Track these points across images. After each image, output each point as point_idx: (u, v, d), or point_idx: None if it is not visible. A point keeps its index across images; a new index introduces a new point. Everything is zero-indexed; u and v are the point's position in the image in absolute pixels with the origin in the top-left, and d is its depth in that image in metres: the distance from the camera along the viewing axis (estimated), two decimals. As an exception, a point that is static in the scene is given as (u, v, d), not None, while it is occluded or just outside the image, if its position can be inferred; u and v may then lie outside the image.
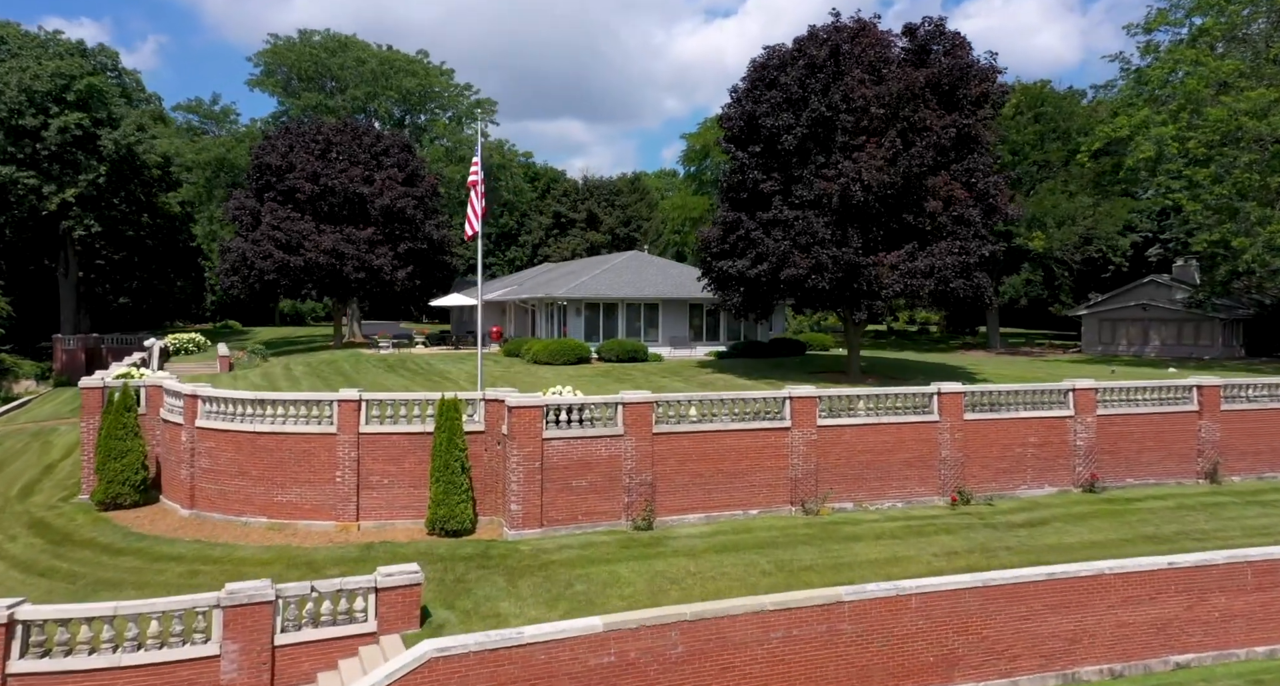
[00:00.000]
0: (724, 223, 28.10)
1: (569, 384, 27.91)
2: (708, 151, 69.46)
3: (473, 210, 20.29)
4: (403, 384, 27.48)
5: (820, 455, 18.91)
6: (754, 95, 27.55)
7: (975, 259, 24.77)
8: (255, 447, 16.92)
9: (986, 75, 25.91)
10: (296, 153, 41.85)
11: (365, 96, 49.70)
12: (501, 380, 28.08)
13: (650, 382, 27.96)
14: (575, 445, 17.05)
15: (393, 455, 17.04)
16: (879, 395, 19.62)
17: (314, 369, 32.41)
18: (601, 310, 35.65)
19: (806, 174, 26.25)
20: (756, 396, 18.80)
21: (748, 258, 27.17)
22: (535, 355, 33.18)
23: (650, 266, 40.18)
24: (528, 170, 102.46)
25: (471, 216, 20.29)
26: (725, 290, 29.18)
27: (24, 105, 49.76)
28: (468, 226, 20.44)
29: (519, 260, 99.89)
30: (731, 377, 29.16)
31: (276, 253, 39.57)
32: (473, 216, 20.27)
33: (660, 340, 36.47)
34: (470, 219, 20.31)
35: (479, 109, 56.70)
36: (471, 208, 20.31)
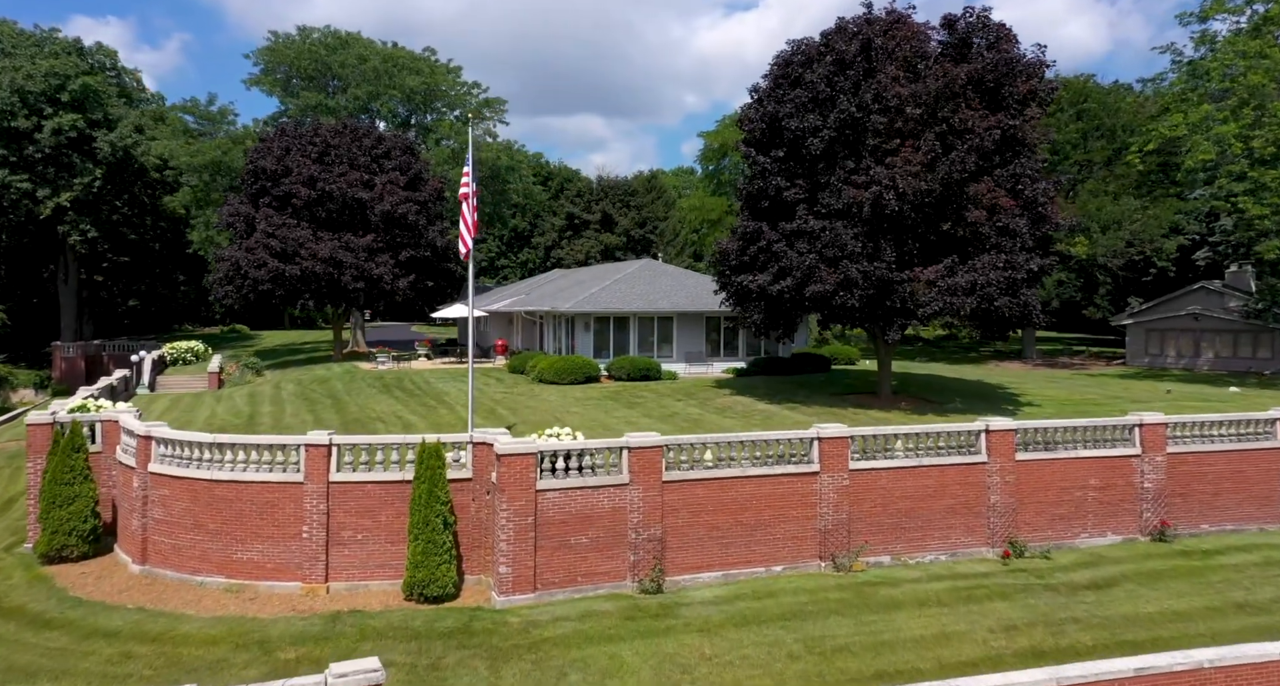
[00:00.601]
0: (743, 233, 26.09)
1: (576, 406, 26.06)
2: (726, 151, 67.28)
3: (465, 225, 18.44)
4: (395, 408, 25.71)
5: (853, 503, 16.87)
6: (777, 95, 25.51)
7: (1023, 274, 22.60)
8: (212, 497, 15.14)
9: (1034, 71, 23.71)
10: (293, 156, 40.28)
11: (367, 96, 48.07)
12: (502, 404, 26.24)
13: (662, 406, 26.00)
14: (574, 497, 15.12)
15: (367, 507, 15.19)
16: (919, 433, 17.54)
17: (304, 389, 30.74)
18: (612, 324, 33.74)
19: (834, 181, 24.20)
20: (780, 438, 16.79)
21: (769, 272, 25.17)
22: (541, 373, 31.33)
23: (664, 276, 38.21)
24: (540, 170, 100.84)
25: (464, 232, 18.42)
26: (744, 306, 27.17)
27: (16, 106, 48.64)
28: (460, 244, 18.55)
29: (531, 262, 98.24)
30: (751, 401, 27.13)
31: (271, 261, 38.01)
32: (465, 233, 18.40)
33: (675, 356, 34.50)
34: (463, 235, 18.44)
35: (487, 108, 54.96)
36: (464, 222, 18.45)
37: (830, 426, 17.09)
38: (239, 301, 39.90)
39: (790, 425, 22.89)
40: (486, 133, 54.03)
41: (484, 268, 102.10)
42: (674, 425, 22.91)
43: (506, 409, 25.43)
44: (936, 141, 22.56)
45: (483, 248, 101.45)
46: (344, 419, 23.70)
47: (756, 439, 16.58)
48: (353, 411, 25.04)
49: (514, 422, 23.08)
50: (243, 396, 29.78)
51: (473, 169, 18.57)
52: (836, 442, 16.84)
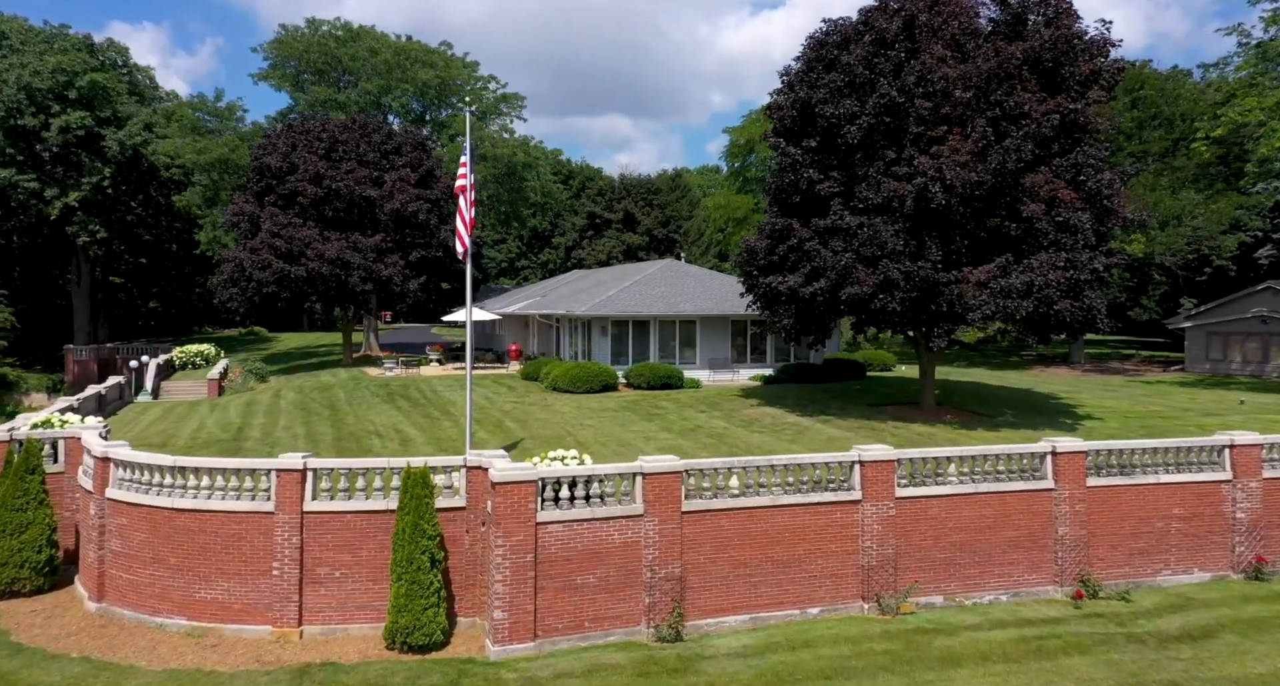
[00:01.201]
0: (772, 230, 24.18)
1: (590, 418, 24.31)
2: (752, 146, 65.23)
3: (462, 221, 16.76)
4: (395, 420, 24.11)
5: (900, 535, 14.93)
6: (810, 79, 23.58)
7: (1086, 274, 20.46)
8: (173, 528, 13.56)
9: (1097, 49, 21.57)
10: (299, 152, 38.99)
11: (379, 90, 46.71)
12: (511, 416, 24.54)
13: (684, 419, 24.15)
14: (580, 530, 13.34)
15: (346, 540, 13.52)
16: (975, 456, 15.55)
17: (304, 397, 29.29)
18: (631, 328, 31.94)
19: (873, 172, 22.23)
20: (816, 461, 14.88)
21: (801, 272, 23.26)
22: (554, 381, 29.61)
23: (686, 277, 36.35)
24: (560, 168, 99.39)
25: (461, 229, 16.75)
26: (773, 309, 25.25)
27: (23, 104, 47.97)
28: (457, 241, 16.88)
29: (552, 263, 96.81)
30: (781, 412, 25.19)
31: (276, 262, 36.70)
32: (462, 229, 16.72)
33: (698, 362, 32.62)
34: (460, 232, 16.77)
35: (504, 103, 53.45)
36: (461, 218, 16.77)
37: (873, 448, 15.15)
38: (244, 304, 38.65)
39: (823, 441, 20.95)
40: (503, 128, 52.53)
41: (504, 269, 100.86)
42: (696, 441, 21.07)
43: (515, 421, 23.74)
44: (988, 128, 20.51)
45: (502, 248, 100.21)
46: (338, 433, 22.15)
47: (789, 462, 14.70)
48: (349, 424, 23.49)
49: (522, 437, 21.38)
50: (239, 405, 28.39)
51: (470, 160, 16.89)
52: (881, 467, 14.92)
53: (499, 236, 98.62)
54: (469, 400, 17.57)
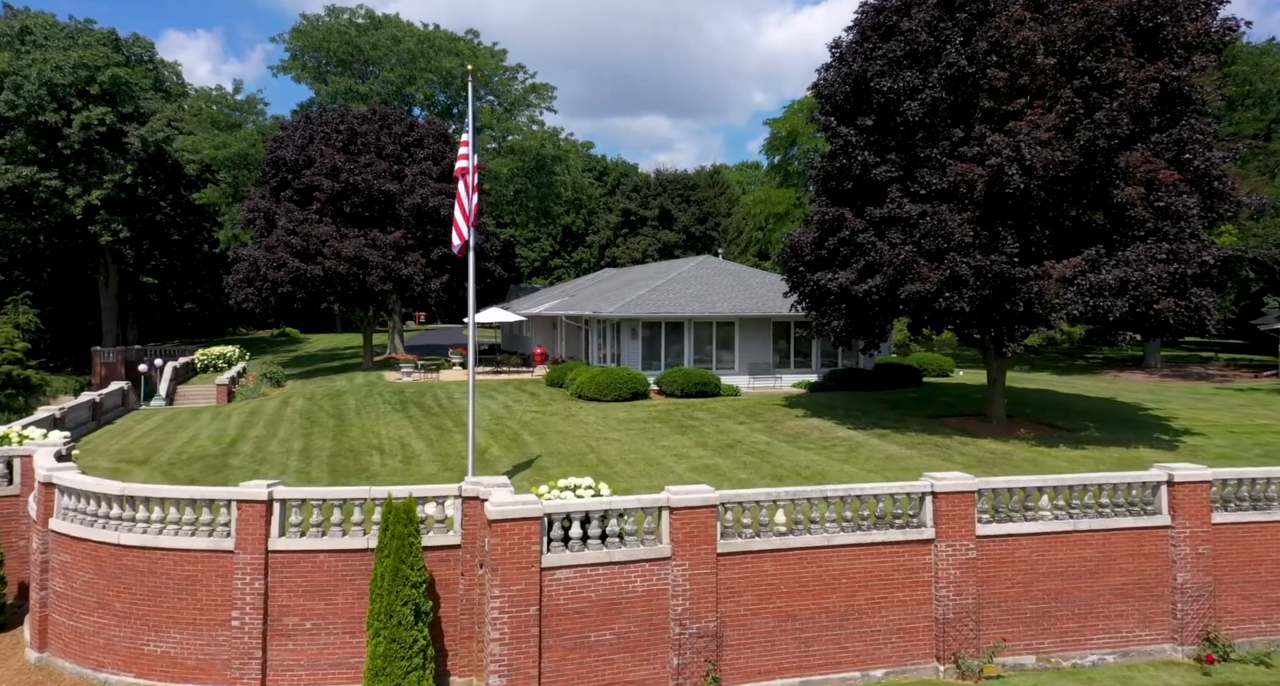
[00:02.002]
0: (821, 222, 21.77)
1: (616, 431, 22.16)
2: (795, 138, 62.67)
3: (461, 211, 14.73)
4: (403, 432, 22.22)
5: (982, 582, 12.52)
6: (864, 49, 21.14)
7: (1195, 268, 17.72)
8: (120, 568, 11.71)
9: (1205, 7, 18.77)
10: (315, 145, 37.52)
11: (401, 80, 45.15)
12: (530, 427, 22.49)
13: (721, 432, 21.86)
14: (594, 577, 11.19)
15: (318, 584, 11.54)
16: (1071, 485, 13.05)
17: (313, 404, 27.62)
18: (663, 330, 29.72)
19: (937, 154, 19.73)
20: (879, 491, 12.53)
21: (853, 268, 20.85)
22: (580, 388, 27.53)
23: (724, 275, 34.01)
24: (594, 164, 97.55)
25: (459, 220, 14.72)
26: (821, 310, 22.83)
27: (45, 100, 47.40)
28: (454, 235, 14.85)
29: (586, 262, 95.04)
30: (830, 424, 22.76)
31: (291, 261, 35.21)
32: (460, 221, 14.69)
33: (736, 367, 30.27)
34: (457, 223, 14.73)
35: (533, 94, 51.61)
36: (460, 208, 14.75)
37: (949, 475, 12.75)
38: (259, 305, 37.25)
39: (881, 460, 18.51)
40: (531, 120, 50.67)
41: (536, 268, 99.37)
42: (734, 460, 18.77)
43: (533, 434, 21.68)
44: (1075, 99, 17.86)
45: (534, 247, 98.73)
46: (338, 447, 20.30)
47: (846, 493, 12.37)
48: (352, 436, 21.66)
49: (538, 454, 19.29)
50: (243, 414, 26.80)
51: (472, 137, 14.84)
52: (958, 499, 12.52)
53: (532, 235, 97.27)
54: (471, 414, 15.48)
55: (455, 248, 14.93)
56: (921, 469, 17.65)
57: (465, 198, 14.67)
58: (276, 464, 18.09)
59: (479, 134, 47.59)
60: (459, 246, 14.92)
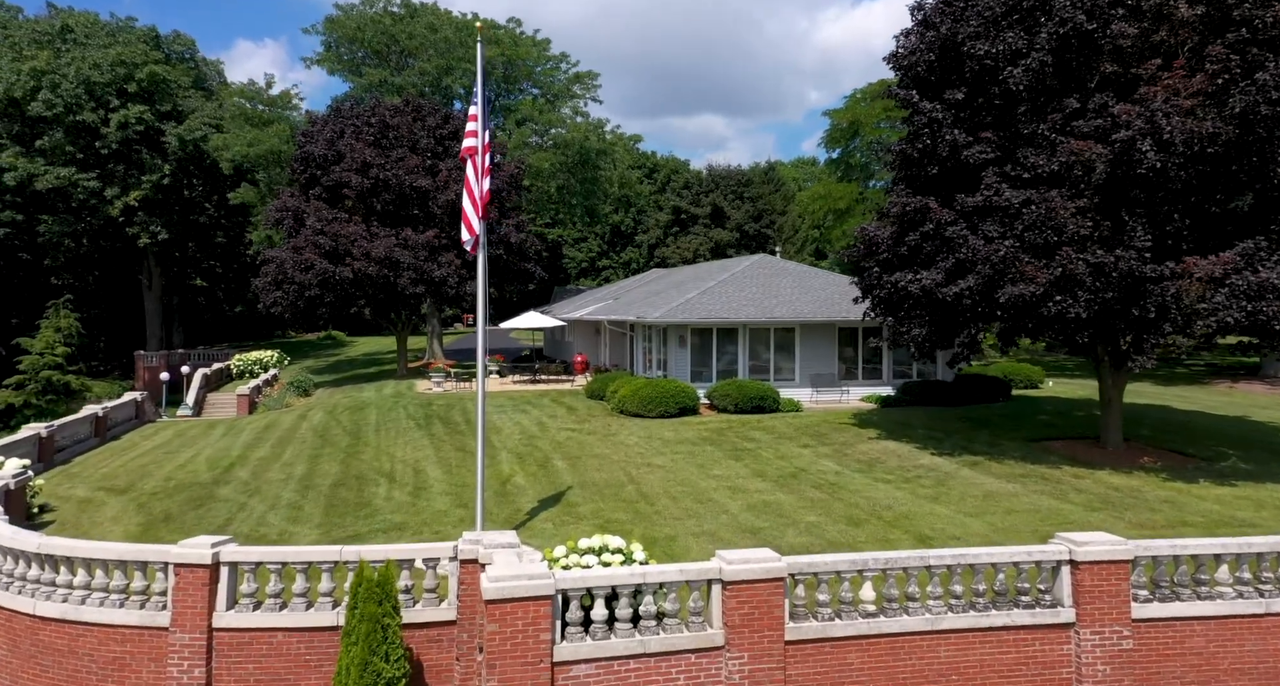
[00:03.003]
0: (901, 213, 18.81)
1: (660, 455, 19.55)
2: (857, 129, 59.19)
3: (470, 199, 12.31)
4: (420, 454, 19.96)
5: (1142, 681, 9.56)
6: (953, 8, 18.15)
7: (1385, 267, 14.31)
8: (37, 645, 9.55)
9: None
10: (345, 140, 35.82)
11: (438, 71, 43.28)
12: (562, 450, 20.02)
13: (782, 458, 19.07)
14: (624, 675, 8.59)
15: (276, 673, 9.19)
16: (1261, 552, 10.00)
17: (332, 418, 25.67)
18: (715, 337, 27.00)
19: (1044, 130, 16.65)
20: (997, 558, 9.69)
21: (939, 267, 17.89)
22: (622, 402, 25.00)
23: (783, 276, 31.11)
24: (644, 161, 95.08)
25: (468, 210, 12.29)
26: (899, 316, 19.88)
27: (83, 99, 46.87)
28: (464, 229, 12.42)
29: (635, 263, 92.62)
30: (910, 449, 19.78)
31: (319, 262, 33.51)
32: (469, 212, 12.26)
33: (797, 379, 27.37)
34: (466, 214, 12.32)
35: (577, 83, 49.34)
36: (468, 194, 12.32)
37: (1092, 539, 9.82)
38: (288, 309, 35.67)
39: (979, 498, 15.52)
40: (575, 111, 48.38)
41: (584, 269, 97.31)
42: (799, 496, 15.98)
43: (566, 458, 19.21)
44: (1230, 56, 14.61)
45: (582, 247, 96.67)
46: (345, 471, 18.12)
47: (955, 561, 9.56)
48: (364, 459, 19.48)
49: (568, 486, 16.78)
50: (257, 428, 24.97)
51: (483, 112, 12.39)
52: (1107, 570, 9.62)
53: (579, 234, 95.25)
54: (480, 448, 12.97)
55: (465, 243, 12.47)
56: (1030, 509, 14.65)
57: (474, 183, 12.23)
58: (268, 495, 15.94)
59: (520, 127, 45.53)
60: (470, 242, 12.47)
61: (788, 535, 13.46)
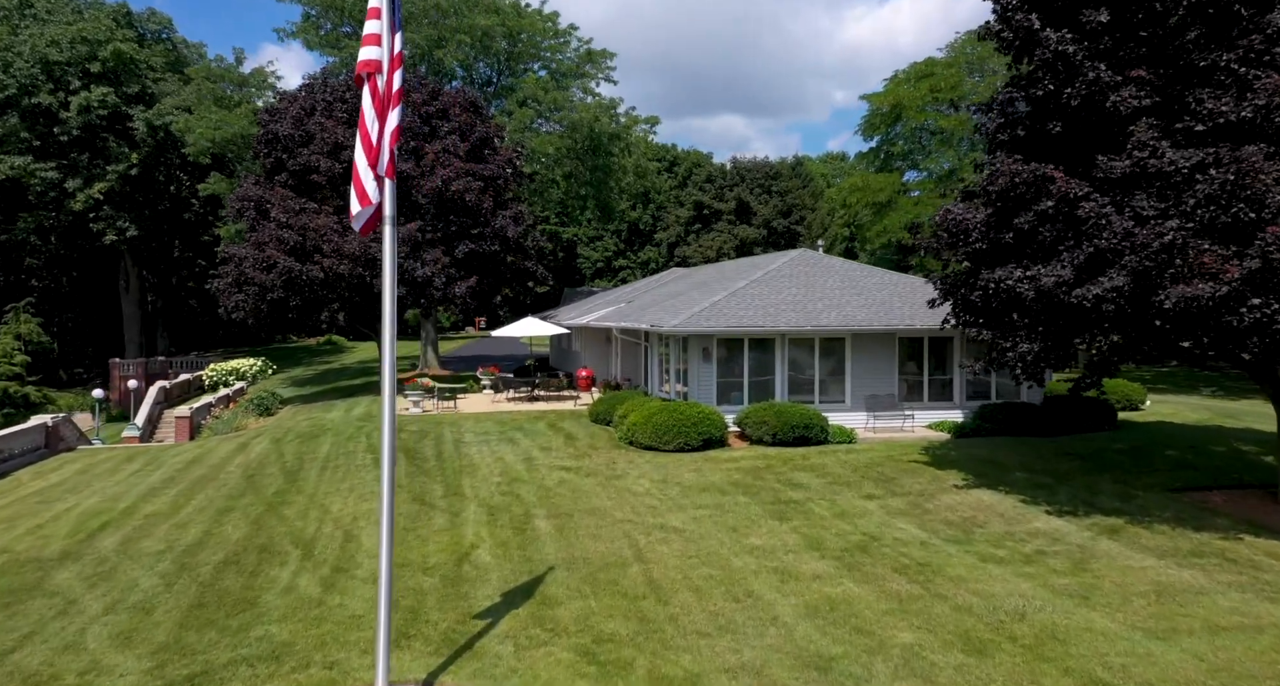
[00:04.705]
0: (1003, 189, 14.11)
1: (678, 509, 14.99)
2: (899, 113, 54.19)
3: (365, 144, 7.73)
4: (366, 507, 15.49)
5: None
6: (1086, -102, 13.42)
7: None
8: None
9: None
10: (316, 118, 31.60)
11: (429, 42, 38.92)
12: (552, 497, 15.48)
13: (841, 517, 14.43)
14: None
15: None
16: None
17: (277, 450, 21.33)
18: (746, 350, 22.36)
19: (1229, 62, 11.91)
20: None
21: (1063, 260, 13.28)
22: (631, 431, 20.46)
23: (828, 274, 26.40)
24: (664, 153, 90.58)
25: (360, 165, 7.71)
26: (1000, 326, 15.17)
27: (39, 79, 43.06)
28: (354, 196, 7.78)
29: (654, 262, 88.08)
30: (1013, 504, 15.06)
31: (283, 260, 29.30)
32: (362, 165, 7.68)
33: (848, 401, 22.68)
34: (358, 174, 7.74)
35: (589, 62, 44.87)
36: (363, 138, 7.73)
37: None
38: (251, 313, 31.46)
39: (1148, 595, 10.80)
40: (586, 91, 43.89)
41: (600, 269, 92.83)
42: (877, 587, 11.30)
43: (552, 516, 14.67)
44: None
45: (597, 246, 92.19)
46: (250, 538, 13.66)
47: None
48: (288, 514, 15.06)
49: (550, 565, 12.23)
50: (179, 464, 20.67)
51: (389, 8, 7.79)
52: None
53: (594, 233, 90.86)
54: (384, 491, 8.33)
55: (354, 220, 7.89)
56: (1245, 622, 9.90)
57: (371, 119, 7.69)
58: (120, 583, 11.52)
59: (523, 106, 41.05)
60: (360, 217, 7.87)
61: (877, 671, 8.82)
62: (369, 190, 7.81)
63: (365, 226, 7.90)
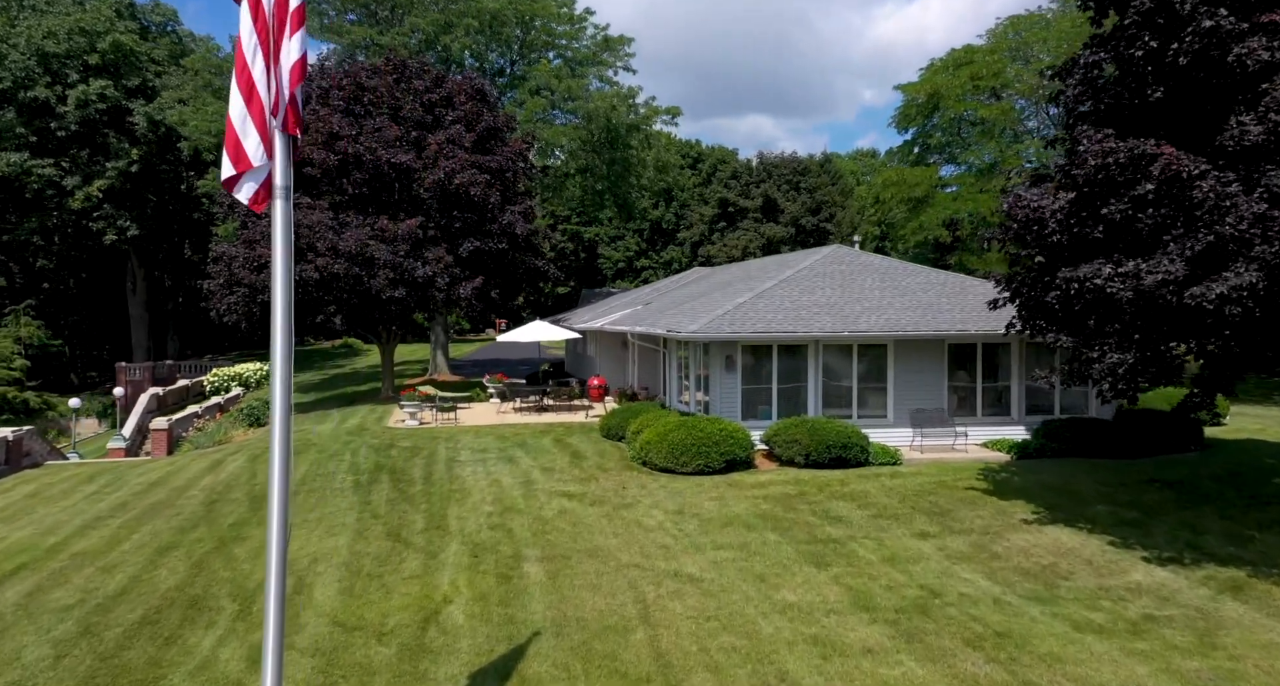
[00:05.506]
0: (1092, 169, 11.67)
1: (696, 552, 12.72)
2: (936, 103, 51.47)
3: (238, 80, 5.52)
4: (332, 545, 13.40)
5: None
6: None
7: None
8: None
9: None
10: (310, 106, 29.65)
11: (434, 27, 36.93)
12: (546, 535, 13.28)
13: (893, 564, 12.11)
14: None
15: None
16: None
17: (249, 470, 19.34)
18: (775, 358, 20.00)
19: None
20: None
21: (1170, 252, 10.85)
22: (645, 450, 18.20)
23: (866, 273, 23.97)
24: (688, 150, 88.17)
25: (234, 115, 5.50)
26: (1083, 334, 12.73)
27: (34, 72, 41.70)
28: (226, 159, 5.61)
29: (677, 262, 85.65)
30: (1100, 546, 12.63)
31: (274, 258, 27.27)
32: (236, 113, 5.48)
33: (891, 416, 20.24)
34: (231, 125, 5.53)
35: (606, 49, 42.70)
36: (238, 73, 5.52)
37: None
38: (243, 317, 29.60)
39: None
40: (603, 80, 41.71)
41: (621, 269, 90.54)
42: (949, 669, 8.98)
43: (545, 559, 12.46)
44: None
45: (618, 245, 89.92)
46: (182, 588, 11.60)
47: None
48: (238, 553, 13.00)
49: (536, 630, 10.01)
50: (143, 483, 18.76)
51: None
52: None
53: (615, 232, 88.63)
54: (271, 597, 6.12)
55: (236, 189, 5.68)
56: None
57: (251, 48, 5.52)
58: (2, 653, 9.44)
59: (535, 96, 38.95)
60: (243, 185, 5.66)
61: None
62: (249, 148, 5.62)
63: (253, 199, 5.71)
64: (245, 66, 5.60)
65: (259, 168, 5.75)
